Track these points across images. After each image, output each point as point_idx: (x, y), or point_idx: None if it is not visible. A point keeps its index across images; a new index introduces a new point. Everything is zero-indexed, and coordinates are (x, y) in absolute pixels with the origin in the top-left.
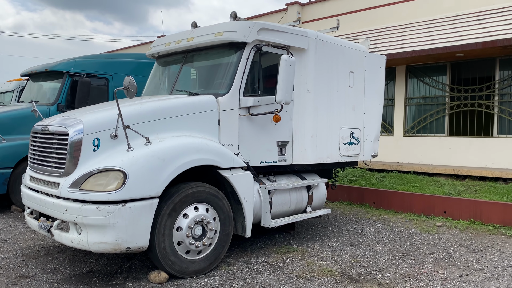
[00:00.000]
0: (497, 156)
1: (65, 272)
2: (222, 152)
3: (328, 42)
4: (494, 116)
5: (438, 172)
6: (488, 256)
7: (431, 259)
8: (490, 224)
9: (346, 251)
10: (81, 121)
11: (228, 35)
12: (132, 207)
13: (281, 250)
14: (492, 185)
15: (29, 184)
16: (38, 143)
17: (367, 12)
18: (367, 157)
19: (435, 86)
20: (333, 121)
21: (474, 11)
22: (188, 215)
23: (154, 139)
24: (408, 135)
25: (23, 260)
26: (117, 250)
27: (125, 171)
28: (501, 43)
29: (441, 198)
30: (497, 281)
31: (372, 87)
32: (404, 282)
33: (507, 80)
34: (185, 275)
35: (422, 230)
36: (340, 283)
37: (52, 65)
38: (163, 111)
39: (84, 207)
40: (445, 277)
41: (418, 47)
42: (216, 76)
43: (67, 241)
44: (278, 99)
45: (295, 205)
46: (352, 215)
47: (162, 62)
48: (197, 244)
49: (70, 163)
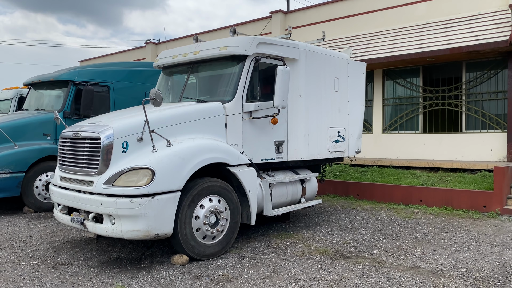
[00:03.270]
0: (465, 150)
1: (96, 260)
2: (231, 151)
3: (316, 52)
4: (462, 114)
5: (414, 166)
6: (458, 234)
7: (410, 238)
8: (460, 209)
9: (337, 235)
10: (111, 127)
11: (231, 49)
12: (159, 199)
13: (281, 236)
14: (461, 176)
15: (59, 183)
16: (69, 147)
17: (346, 20)
18: (352, 153)
19: (410, 88)
20: (322, 122)
21: (443, 19)
22: (204, 205)
23: (174, 141)
24: (386, 132)
25: (55, 251)
26: (147, 236)
27: (153, 169)
28: (466, 49)
29: (417, 188)
30: (464, 253)
31: (355, 90)
32: (388, 257)
33: (473, 82)
34: (202, 258)
35: (401, 216)
36: (335, 260)
37: (56, 74)
38: (180, 117)
39: (119, 200)
40: (422, 251)
41: (393, 52)
42: (221, 84)
43: (102, 231)
44: (276, 104)
45: (291, 196)
46: (339, 206)
47: (168, 72)
48: (212, 230)
49: (102, 164)
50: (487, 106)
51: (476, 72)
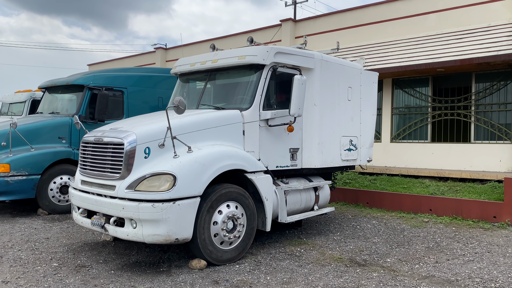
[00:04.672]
0: (474, 160)
1: (115, 263)
2: (248, 158)
3: (330, 62)
4: (471, 124)
5: (423, 175)
6: (470, 244)
7: (422, 247)
8: (470, 219)
9: (349, 243)
10: (134, 133)
11: (249, 58)
12: (180, 204)
13: (294, 243)
14: (471, 186)
15: (80, 187)
16: (91, 152)
17: (356, 29)
18: (364, 161)
19: (419, 97)
20: (335, 130)
21: (453, 30)
22: (222, 211)
23: (194, 147)
24: (395, 141)
25: (74, 254)
26: (167, 241)
27: (174, 174)
28: (477, 60)
29: (427, 197)
30: (478, 263)
31: (367, 100)
32: (402, 265)
33: (482, 92)
34: (220, 263)
35: (412, 225)
36: (350, 267)
37: (71, 79)
38: (199, 124)
39: (141, 205)
40: (435, 260)
41: (403, 62)
42: (238, 92)
43: (123, 235)
44: (292, 112)
45: (305, 203)
46: (349, 213)
47: (185, 79)
48: (229, 236)
49: (125, 169)
50: (496, 117)
51: (486, 83)
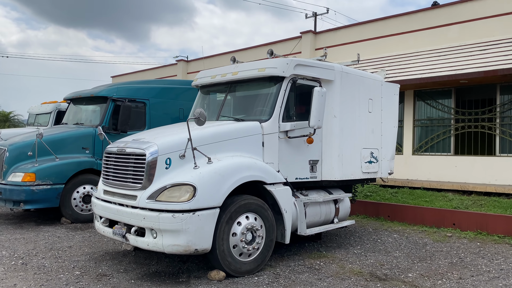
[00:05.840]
0: (499, 173)
1: (135, 272)
2: (268, 170)
3: (351, 74)
4: (496, 137)
5: (445, 188)
6: (495, 260)
7: (445, 263)
8: (495, 234)
9: (370, 257)
10: (156, 144)
11: (269, 70)
12: (200, 215)
13: (313, 256)
14: (496, 200)
15: (102, 197)
16: (113, 162)
17: (377, 41)
18: (385, 174)
19: (441, 109)
20: (355, 143)
21: (477, 41)
22: (241, 222)
23: (214, 159)
24: (417, 154)
25: (95, 262)
26: (187, 251)
27: (194, 185)
28: (502, 72)
29: (450, 211)
30: (504, 280)
31: (388, 112)
32: (424, 281)
33: (507, 104)
34: (239, 274)
35: (434, 239)
36: (370, 281)
37: (96, 91)
38: (219, 135)
39: (161, 215)
40: (459, 277)
41: (425, 74)
42: (258, 104)
43: (143, 245)
44: (312, 124)
45: (325, 216)
46: (370, 227)
47: (206, 91)
48: (248, 247)
49: (146, 179)
50: None
51: (511, 95)
